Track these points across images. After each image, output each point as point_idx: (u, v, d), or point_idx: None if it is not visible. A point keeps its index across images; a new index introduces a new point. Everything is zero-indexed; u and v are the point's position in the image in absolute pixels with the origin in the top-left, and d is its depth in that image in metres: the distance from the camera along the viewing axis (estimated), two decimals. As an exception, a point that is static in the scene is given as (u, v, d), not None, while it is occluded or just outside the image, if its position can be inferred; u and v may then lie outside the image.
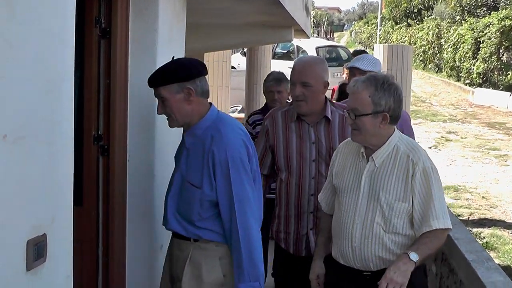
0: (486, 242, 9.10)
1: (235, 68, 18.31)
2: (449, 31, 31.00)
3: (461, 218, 9.85)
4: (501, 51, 25.84)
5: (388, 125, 3.58)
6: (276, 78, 6.75)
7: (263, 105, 7.57)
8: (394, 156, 3.59)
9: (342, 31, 69.57)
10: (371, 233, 3.59)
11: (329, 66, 15.77)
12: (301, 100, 4.29)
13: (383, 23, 45.31)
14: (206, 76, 3.77)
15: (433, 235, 3.53)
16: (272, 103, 6.61)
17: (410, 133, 4.77)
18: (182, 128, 4.58)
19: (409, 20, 41.74)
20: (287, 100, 6.64)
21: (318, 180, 4.40)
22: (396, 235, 3.58)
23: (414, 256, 3.39)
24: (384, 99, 3.50)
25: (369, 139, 3.64)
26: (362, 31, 53.61)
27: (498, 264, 5.05)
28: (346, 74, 8.50)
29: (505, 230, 9.90)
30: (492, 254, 8.21)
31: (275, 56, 21.94)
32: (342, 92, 8.12)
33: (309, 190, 4.43)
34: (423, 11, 40.83)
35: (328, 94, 6.91)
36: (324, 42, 30.97)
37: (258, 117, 6.62)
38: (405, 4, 44.03)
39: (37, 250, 2.65)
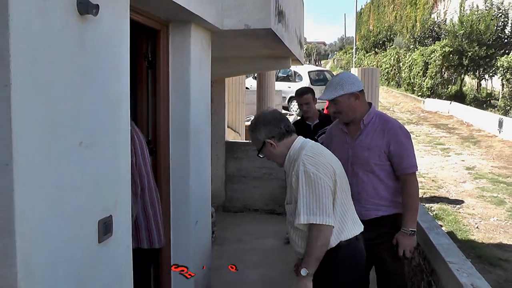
0: (436, 214, 9.09)
1: (248, 88, 18.30)
2: (405, 57, 30.92)
3: (417, 195, 9.79)
4: (443, 70, 25.80)
5: (280, 143, 3.29)
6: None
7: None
8: (290, 165, 3.26)
9: (327, 59, 69.34)
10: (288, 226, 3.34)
11: (317, 85, 15.79)
12: None
13: (357, 52, 45.21)
14: (227, 94, 3.73)
15: (310, 235, 3.11)
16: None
17: (400, 148, 3.63)
18: (210, 131, 4.59)
19: (376, 49, 41.67)
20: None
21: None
22: (297, 229, 3.19)
23: (304, 272, 3.05)
24: (258, 133, 3.32)
25: (276, 160, 3.38)
26: (342, 58, 53.52)
27: (444, 230, 5.01)
28: None
29: (448, 205, 9.89)
30: (440, 222, 8.20)
31: (278, 78, 21.88)
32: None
33: None
34: (386, 42, 40.78)
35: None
36: (314, 67, 30.94)
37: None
38: (373, 38, 44.01)
39: (105, 227, 2.65)
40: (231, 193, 9.13)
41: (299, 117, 6.95)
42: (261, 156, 3.45)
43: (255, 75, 16.21)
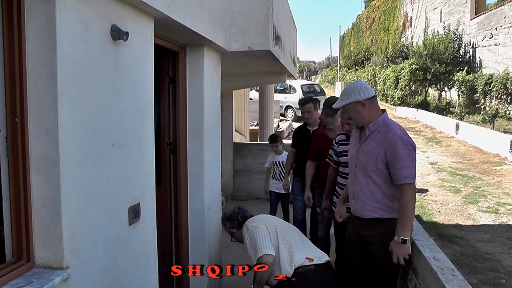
0: (406, 200, 9.04)
1: (252, 99, 18.30)
2: (380, 73, 30.83)
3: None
4: (411, 83, 25.70)
5: (240, 230, 3.89)
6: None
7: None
8: None
9: (317, 74, 68.95)
10: None
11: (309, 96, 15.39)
12: None
13: (341, 69, 45.12)
14: (234, 104, 3.74)
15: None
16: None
17: (396, 158, 3.17)
18: (220, 134, 4.59)
19: (356, 67, 41.54)
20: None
21: None
22: None
23: None
24: (225, 227, 4.08)
25: (241, 241, 3.88)
26: (328, 74, 53.26)
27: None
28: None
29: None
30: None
31: (276, 91, 21.80)
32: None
33: None
34: (364, 61, 40.64)
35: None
36: (305, 81, 30.81)
37: (342, 137, 4.40)
38: (354, 57, 43.91)
39: (134, 213, 2.66)
40: (238, 185, 9.16)
41: (293, 122, 6.84)
42: (233, 241, 4.04)
43: (257, 88, 16.22)
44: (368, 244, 3.39)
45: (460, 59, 23.26)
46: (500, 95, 17.95)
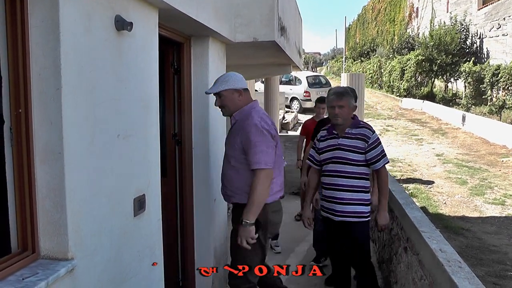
0: (411, 192, 9.05)
1: (257, 90, 18.23)
2: (386, 64, 30.70)
3: (396, 178, 9.78)
4: (417, 75, 25.62)
5: None
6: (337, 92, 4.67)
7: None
8: None
9: (322, 66, 68.69)
10: None
11: (314, 88, 15.63)
12: None
13: (346, 60, 44.92)
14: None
15: None
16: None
17: (248, 145, 3.19)
18: (225, 125, 4.57)
19: (362, 58, 41.39)
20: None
21: None
22: None
23: None
24: None
25: None
26: (334, 66, 53.10)
27: (418, 205, 4.98)
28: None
29: (421, 185, 9.85)
30: (414, 199, 8.16)
31: (281, 82, 21.70)
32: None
33: None
34: (370, 52, 40.45)
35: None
36: (311, 73, 30.64)
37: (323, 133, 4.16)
38: (359, 49, 43.76)
39: (139, 204, 2.66)
40: (243, 176, 9.13)
41: (299, 114, 6.69)
42: None
43: (263, 79, 16.15)
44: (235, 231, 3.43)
45: (467, 50, 23.11)
46: (507, 86, 17.83)
